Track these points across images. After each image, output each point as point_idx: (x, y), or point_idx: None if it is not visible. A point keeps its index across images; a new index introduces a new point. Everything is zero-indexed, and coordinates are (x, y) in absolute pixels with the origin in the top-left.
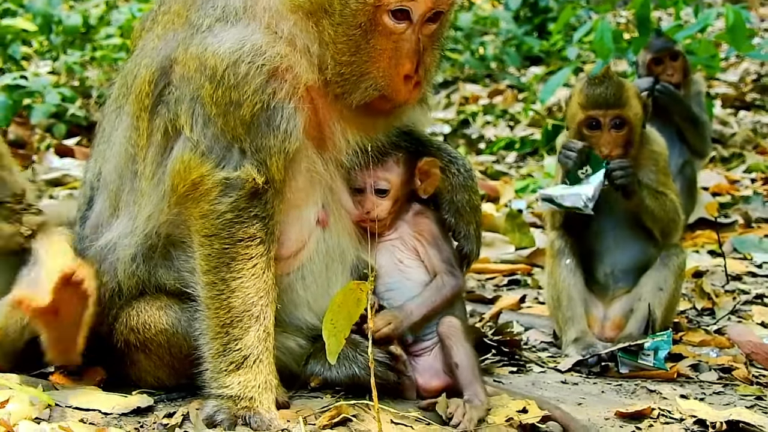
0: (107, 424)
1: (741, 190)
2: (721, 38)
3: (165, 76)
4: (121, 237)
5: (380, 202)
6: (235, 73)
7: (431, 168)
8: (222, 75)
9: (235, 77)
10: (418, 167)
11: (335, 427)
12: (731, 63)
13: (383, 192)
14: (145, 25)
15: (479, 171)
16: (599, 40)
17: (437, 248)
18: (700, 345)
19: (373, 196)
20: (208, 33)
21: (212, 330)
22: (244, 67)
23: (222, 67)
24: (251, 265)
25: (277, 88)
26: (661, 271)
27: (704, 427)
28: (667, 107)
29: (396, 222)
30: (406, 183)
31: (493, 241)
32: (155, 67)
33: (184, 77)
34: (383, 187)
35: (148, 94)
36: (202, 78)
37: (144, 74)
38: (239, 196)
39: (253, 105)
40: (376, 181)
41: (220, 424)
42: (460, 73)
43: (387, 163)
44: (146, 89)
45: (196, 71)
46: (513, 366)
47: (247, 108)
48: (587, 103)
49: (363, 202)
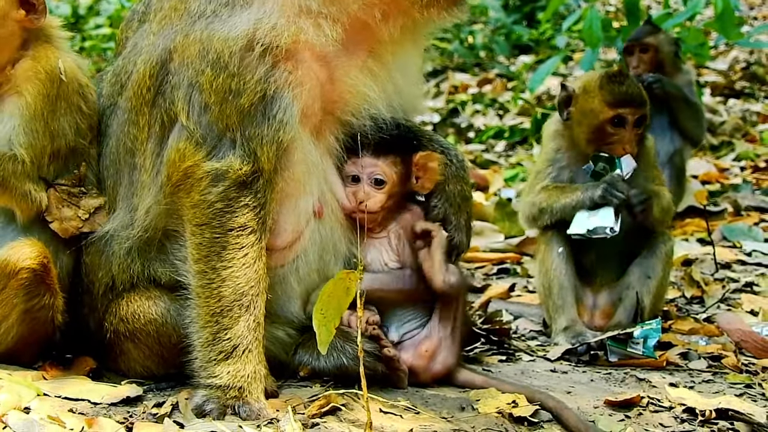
0: (96, 413)
1: (730, 179)
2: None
3: (165, 68)
4: (118, 230)
5: (375, 194)
6: (241, 59)
7: (428, 162)
8: (227, 61)
9: (240, 63)
10: (415, 161)
11: (324, 416)
12: (720, 51)
13: (380, 184)
14: (132, 26)
15: (469, 160)
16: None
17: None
18: (690, 333)
19: (368, 186)
20: (213, 18)
21: (202, 319)
22: (255, 50)
23: (228, 53)
24: (242, 255)
25: (282, 74)
26: (648, 259)
27: (693, 416)
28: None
29: (388, 222)
30: (403, 179)
31: (483, 230)
32: (155, 61)
33: (183, 63)
34: (380, 177)
35: (149, 88)
36: (203, 63)
37: (143, 69)
38: (228, 185)
39: (254, 94)
40: (374, 172)
41: (209, 413)
42: (449, 62)
43: (386, 156)
44: (147, 83)
45: (197, 56)
46: (502, 355)
47: (247, 97)
48: (615, 101)
49: (357, 193)
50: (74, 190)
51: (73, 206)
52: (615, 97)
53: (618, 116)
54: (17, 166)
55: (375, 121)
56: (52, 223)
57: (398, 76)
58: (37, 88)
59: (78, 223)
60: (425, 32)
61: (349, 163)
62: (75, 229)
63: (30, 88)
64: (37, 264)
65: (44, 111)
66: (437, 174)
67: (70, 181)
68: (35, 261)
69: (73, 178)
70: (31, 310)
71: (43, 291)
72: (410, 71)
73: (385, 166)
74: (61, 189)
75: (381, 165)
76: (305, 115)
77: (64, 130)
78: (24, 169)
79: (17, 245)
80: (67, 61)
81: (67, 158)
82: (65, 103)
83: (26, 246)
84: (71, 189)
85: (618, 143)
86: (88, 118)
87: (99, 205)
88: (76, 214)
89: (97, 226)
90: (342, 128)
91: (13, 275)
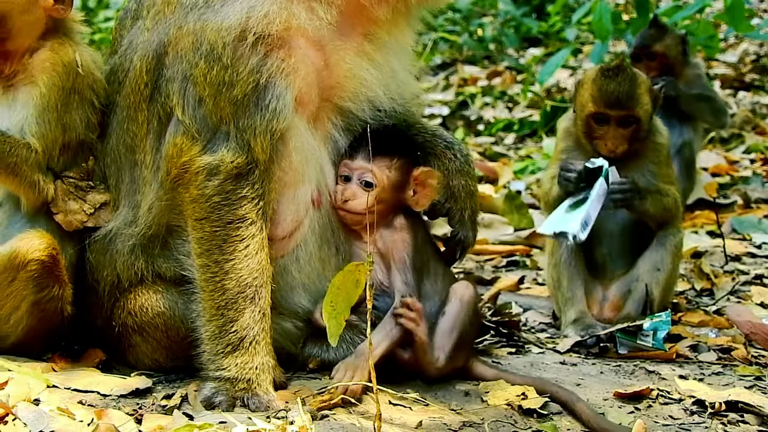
0: (106, 405)
1: (740, 171)
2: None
3: (160, 63)
4: (121, 228)
5: (360, 195)
6: (234, 50)
7: (428, 178)
8: (220, 53)
9: (233, 54)
10: (415, 175)
11: (333, 408)
12: (730, 44)
13: (368, 186)
14: (126, 24)
15: (478, 152)
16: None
17: (402, 273)
18: (699, 325)
19: (355, 186)
20: (206, 9)
21: (208, 312)
22: (248, 40)
23: (221, 44)
24: (243, 247)
25: (275, 62)
26: (658, 251)
27: (703, 408)
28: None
29: (379, 229)
30: (396, 187)
31: (492, 222)
32: (151, 56)
33: (177, 55)
34: (368, 179)
35: (147, 84)
36: (196, 56)
37: (139, 66)
38: (224, 178)
39: (247, 85)
40: (364, 173)
41: (218, 405)
42: (458, 55)
43: (382, 159)
44: (144, 79)
45: (191, 49)
46: (512, 347)
47: (240, 88)
48: (598, 98)
49: (345, 191)
50: (82, 184)
51: (80, 200)
52: (599, 93)
53: (600, 113)
54: (30, 154)
55: (373, 107)
56: (57, 216)
57: (394, 59)
58: (53, 79)
59: (83, 218)
60: (418, 14)
61: (345, 161)
62: (79, 223)
63: (45, 79)
64: (46, 256)
65: (58, 103)
66: (435, 193)
67: (78, 175)
68: (44, 253)
69: (81, 171)
70: (41, 301)
71: (52, 282)
72: (405, 55)
73: (377, 169)
74: (68, 181)
75: (373, 167)
76: (301, 102)
77: (76, 123)
78: (36, 157)
79: (26, 237)
80: (84, 55)
81: (76, 151)
82: (78, 97)
83: (35, 238)
84: (79, 182)
85: (601, 140)
86: (99, 113)
87: (105, 200)
88: (82, 208)
89: (101, 221)
90: (340, 115)
91: (23, 267)
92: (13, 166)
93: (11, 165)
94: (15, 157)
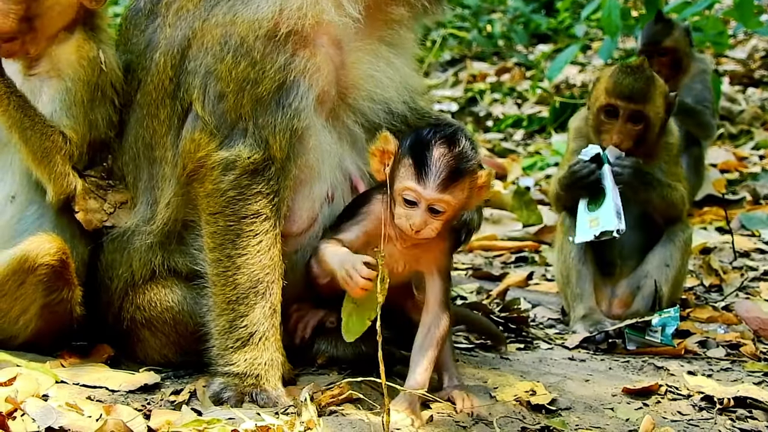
0: (114, 401)
1: (749, 167)
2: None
3: (184, 57)
4: (139, 225)
5: (431, 222)
6: (264, 45)
7: (490, 180)
8: (251, 46)
9: (263, 50)
10: (479, 183)
11: (342, 404)
12: (739, 40)
13: (438, 213)
14: (137, 22)
15: (487, 149)
16: (607, 18)
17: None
18: (708, 321)
19: (424, 212)
20: (234, 1)
21: (218, 307)
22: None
23: (253, 37)
24: (256, 242)
25: (301, 61)
26: (666, 247)
27: (712, 404)
28: None
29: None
30: (463, 204)
31: (501, 219)
32: (175, 51)
33: (202, 48)
34: (440, 209)
35: (171, 79)
36: (223, 50)
37: (162, 62)
38: (239, 174)
39: (272, 83)
40: (435, 203)
41: (227, 401)
42: (467, 51)
43: (454, 186)
44: (169, 74)
45: (218, 42)
46: (520, 343)
47: (264, 86)
48: (612, 90)
49: (412, 217)
50: (102, 183)
51: (100, 199)
52: (613, 85)
53: (610, 105)
54: (64, 143)
55: (388, 109)
56: (78, 214)
57: (406, 62)
58: (78, 74)
59: (102, 216)
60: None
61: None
62: (99, 221)
63: (71, 74)
64: (56, 260)
65: (84, 99)
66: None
67: (99, 174)
68: (54, 257)
69: (102, 170)
70: (50, 304)
71: (61, 285)
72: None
73: (452, 198)
74: (90, 180)
75: (449, 198)
76: (321, 101)
77: (98, 121)
78: (69, 148)
79: (36, 240)
80: (107, 52)
81: (96, 150)
82: (101, 94)
83: (45, 241)
84: (100, 181)
85: (607, 133)
86: (118, 112)
87: (124, 200)
88: (102, 207)
89: (120, 221)
90: (354, 115)
91: (32, 271)
92: (48, 152)
93: (47, 150)
94: (51, 143)
